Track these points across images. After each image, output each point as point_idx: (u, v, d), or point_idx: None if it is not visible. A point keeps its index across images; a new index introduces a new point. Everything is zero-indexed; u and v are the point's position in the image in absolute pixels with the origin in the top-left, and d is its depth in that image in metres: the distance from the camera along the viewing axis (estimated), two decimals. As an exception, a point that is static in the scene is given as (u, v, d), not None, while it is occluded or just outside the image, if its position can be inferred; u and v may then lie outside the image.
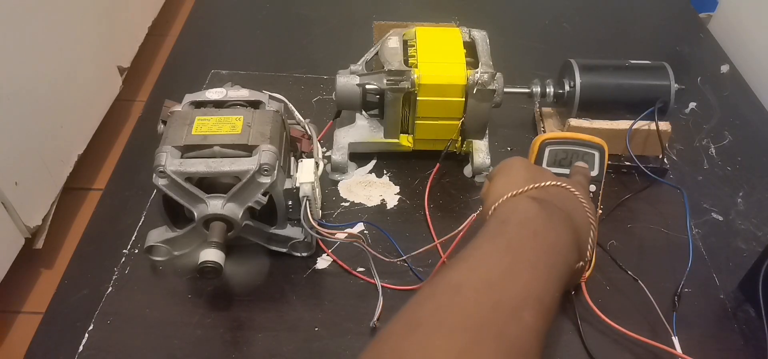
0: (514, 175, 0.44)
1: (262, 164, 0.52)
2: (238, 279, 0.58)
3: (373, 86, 0.66)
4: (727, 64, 0.94)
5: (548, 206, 0.41)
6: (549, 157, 0.56)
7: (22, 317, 1.13)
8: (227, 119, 0.55)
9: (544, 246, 0.38)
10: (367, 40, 0.95)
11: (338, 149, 0.71)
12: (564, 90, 0.71)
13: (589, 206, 0.43)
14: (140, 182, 0.69)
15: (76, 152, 1.26)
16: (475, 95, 0.65)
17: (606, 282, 0.61)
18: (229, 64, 0.88)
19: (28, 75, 1.09)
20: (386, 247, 0.63)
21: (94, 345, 0.54)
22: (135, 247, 0.62)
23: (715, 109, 0.84)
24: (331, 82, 0.68)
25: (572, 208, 0.42)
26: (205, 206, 0.53)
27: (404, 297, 0.59)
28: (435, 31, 0.70)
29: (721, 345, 0.57)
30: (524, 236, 0.38)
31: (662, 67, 0.70)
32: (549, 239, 0.38)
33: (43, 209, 1.15)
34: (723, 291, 0.61)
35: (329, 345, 0.55)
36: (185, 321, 0.56)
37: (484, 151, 0.71)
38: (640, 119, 0.68)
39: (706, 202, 0.70)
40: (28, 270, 1.17)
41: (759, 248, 0.63)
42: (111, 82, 1.42)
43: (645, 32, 1.04)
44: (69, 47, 1.23)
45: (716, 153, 0.77)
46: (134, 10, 1.55)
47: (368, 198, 0.69)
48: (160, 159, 0.52)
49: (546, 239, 0.38)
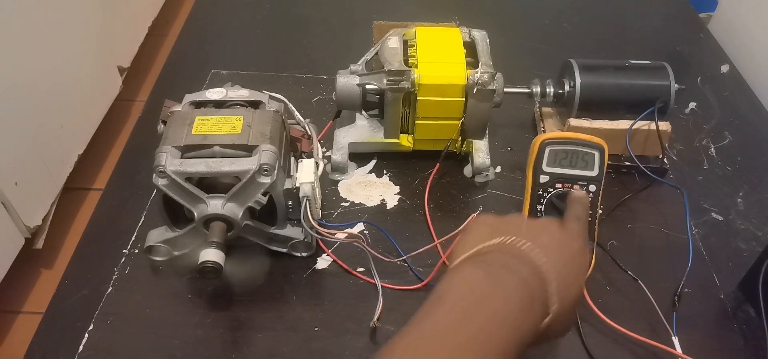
0: (471, 236, 0.42)
1: (262, 164, 0.52)
2: (238, 279, 0.58)
3: (373, 86, 0.66)
4: (727, 64, 0.94)
5: (494, 270, 0.39)
6: (549, 157, 0.56)
7: (22, 317, 1.13)
8: (227, 119, 0.55)
9: (481, 321, 0.35)
10: (367, 40, 0.95)
11: (338, 149, 0.71)
12: (564, 90, 0.71)
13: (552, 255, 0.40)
14: (140, 182, 0.69)
15: (76, 152, 1.26)
16: (475, 95, 0.65)
17: (606, 282, 0.61)
18: (229, 64, 0.88)
19: (28, 75, 1.09)
20: (386, 247, 0.63)
21: (94, 345, 0.54)
22: (135, 247, 0.62)
23: (715, 109, 0.84)
24: (331, 82, 0.68)
25: (530, 263, 0.39)
26: (205, 206, 0.53)
27: (404, 297, 0.59)
28: (435, 31, 0.70)
29: (721, 345, 0.57)
30: (456, 313, 0.36)
31: (662, 67, 0.70)
32: (490, 309, 0.36)
33: (43, 209, 1.15)
34: (723, 291, 0.61)
35: (329, 345, 0.55)
36: (185, 321, 0.56)
37: (484, 151, 0.71)
38: (640, 119, 0.68)
39: (706, 202, 0.70)
40: (28, 270, 1.17)
41: (759, 248, 0.63)
42: (111, 82, 1.42)
43: (645, 32, 1.04)
44: (69, 47, 1.23)
45: (716, 153, 0.77)
46: (134, 10, 1.55)
47: (368, 198, 0.69)
48: (160, 159, 0.52)
49: (485, 310, 0.36)
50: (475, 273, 0.39)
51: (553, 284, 0.38)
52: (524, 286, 0.38)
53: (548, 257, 0.39)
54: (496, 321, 0.35)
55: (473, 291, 0.37)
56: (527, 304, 0.37)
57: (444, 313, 0.36)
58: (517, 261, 0.39)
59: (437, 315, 0.36)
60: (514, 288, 0.37)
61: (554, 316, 0.38)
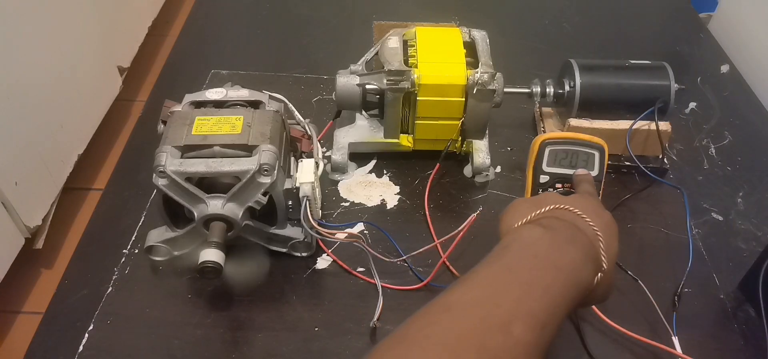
0: (519, 209, 0.45)
1: (262, 164, 0.52)
2: (238, 279, 0.58)
3: (373, 86, 0.66)
4: (727, 64, 0.94)
5: (553, 229, 0.42)
6: (549, 157, 0.56)
7: (22, 317, 1.13)
8: (227, 119, 0.55)
9: (545, 266, 0.38)
10: (367, 40, 0.95)
11: (338, 149, 0.71)
12: (564, 90, 0.71)
13: (595, 220, 0.43)
14: (140, 182, 0.69)
15: (76, 152, 1.26)
16: (475, 95, 0.65)
17: (606, 282, 0.61)
18: (229, 64, 0.88)
19: (28, 75, 1.09)
20: (386, 247, 0.63)
21: (94, 345, 0.54)
22: (135, 247, 0.62)
23: (715, 109, 0.84)
24: (331, 82, 0.68)
25: (580, 225, 0.43)
26: (205, 206, 0.53)
27: (404, 297, 0.59)
28: (435, 31, 0.70)
29: (721, 345, 0.57)
30: (522, 258, 0.39)
31: (662, 67, 0.70)
32: (551, 259, 0.39)
33: (43, 209, 1.15)
34: (723, 291, 0.61)
35: (329, 345, 0.55)
36: (185, 321, 0.56)
37: (484, 151, 0.71)
38: (640, 119, 0.68)
39: (706, 202, 0.70)
40: (28, 270, 1.17)
41: (759, 248, 0.63)
42: (111, 82, 1.41)
43: (645, 32, 1.04)
44: (69, 47, 1.23)
45: (716, 153, 0.77)
46: (134, 10, 1.55)
47: (368, 198, 0.69)
48: (160, 159, 0.52)
49: (547, 259, 0.39)
50: (537, 231, 0.42)
51: (602, 245, 0.42)
52: (581, 244, 0.41)
53: (595, 221, 0.43)
54: (557, 271, 0.38)
55: (535, 244, 0.40)
56: (583, 261, 0.40)
57: (511, 256, 0.39)
58: (571, 224, 0.42)
59: (505, 258, 0.39)
60: (573, 244, 0.41)
61: (603, 276, 0.41)
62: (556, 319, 0.36)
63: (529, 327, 0.34)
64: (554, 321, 0.36)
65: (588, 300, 0.42)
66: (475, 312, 0.34)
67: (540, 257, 0.39)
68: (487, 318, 0.34)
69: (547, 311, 0.36)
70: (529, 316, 0.35)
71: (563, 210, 0.44)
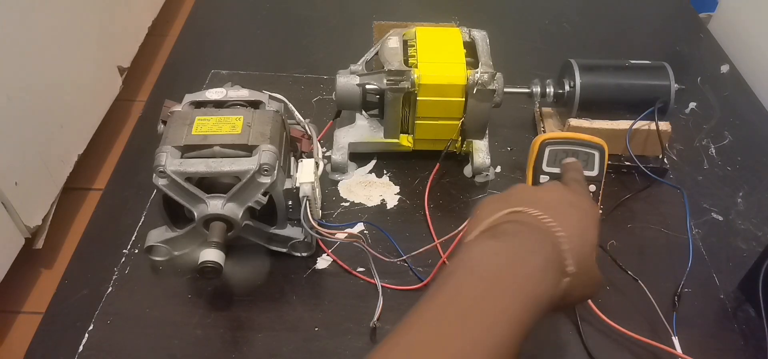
0: (482, 212, 0.42)
1: (262, 164, 0.52)
2: (238, 278, 0.58)
3: (373, 86, 0.66)
4: (727, 64, 0.94)
5: (512, 236, 0.39)
6: (549, 157, 0.56)
7: (22, 317, 1.13)
8: (227, 119, 0.55)
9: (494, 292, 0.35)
10: (367, 40, 0.95)
11: (338, 149, 0.71)
12: (564, 90, 0.71)
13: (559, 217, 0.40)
14: (140, 182, 0.69)
15: (76, 152, 1.26)
16: (475, 95, 0.65)
17: (606, 282, 0.61)
18: (229, 64, 0.88)
19: (28, 75, 1.09)
20: (386, 247, 0.63)
21: (94, 345, 0.54)
22: (135, 247, 0.62)
23: (715, 109, 0.84)
24: (331, 82, 0.68)
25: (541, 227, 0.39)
26: (205, 206, 0.53)
27: (404, 297, 0.59)
28: (435, 31, 0.70)
29: (721, 345, 0.57)
30: (468, 286, 0.36)
31: (662, 67, 0.70)
32: (503, 280, 0.36)
33: (43, 209, 1.15)
34: (723, 291, 0.61)
35: (329, 345, 0.55)
36: (185, 321, 0.56)
37: (484, 151, 0.71)
38: (640, 119, 0.68)
39: (706, 202, 0.70)
40: (28, 270, 1.17)
41: (759, 248, 0.63)
42: (111, 82, 1.42)
43: (645, 32, 1.04)
44: (69, 47, 1.23)
45: (716, 153, 0.77)
46: (134, 10, 1.55)
47: (368, 198, 0.69)
48: (160, 159, 0.52)
49: (498, 281, 0.36)
50: (489, 245, 0.38)
51: (566, 245, 0.38)
52: (542, 251, 0.37)
53: (558, 219, 0.39)
54: (511, 293, 0.35)
55: (484, 264, 0.37)
56: (543, 270, 0.37)
57: (456, 282, 0.36)
58: (533, 228, 0.39)
59: (449, 287, 0.36)
60: (533, 253, 0.37)
61: (573, 279, 0.38)
62: (513, 343, 0.34)
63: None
64: (510, 346, 0.33)
65: (562, 304, 0.39)
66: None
67: (488, 280, 0.36)
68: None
69: (498, 340, 0.33)
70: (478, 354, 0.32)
71: (521, 214, 0.40)
